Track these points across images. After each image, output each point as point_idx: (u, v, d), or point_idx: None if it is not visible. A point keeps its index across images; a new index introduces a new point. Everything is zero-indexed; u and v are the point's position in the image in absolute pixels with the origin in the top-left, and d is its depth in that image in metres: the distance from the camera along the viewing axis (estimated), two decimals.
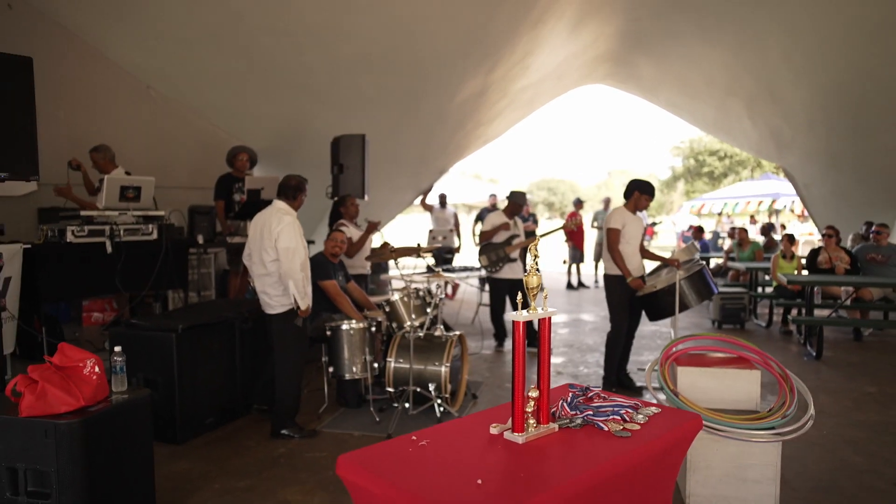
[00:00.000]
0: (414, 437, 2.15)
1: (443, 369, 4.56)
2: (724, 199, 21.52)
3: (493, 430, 2.21)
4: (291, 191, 4.28)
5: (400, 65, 7.42)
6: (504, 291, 6.94)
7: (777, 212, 22.00)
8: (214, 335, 4.49)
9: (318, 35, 6.79)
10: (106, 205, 5.08)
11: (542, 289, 2.22)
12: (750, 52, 9.07)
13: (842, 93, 8.70)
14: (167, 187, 7.16)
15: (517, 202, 6.86)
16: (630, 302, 5.33)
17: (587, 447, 2.10)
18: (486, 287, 7.49)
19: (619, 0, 8.65)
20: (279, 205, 4.24)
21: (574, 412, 2.36)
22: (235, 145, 6.65)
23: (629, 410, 2.36)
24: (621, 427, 2.25)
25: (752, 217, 22.48)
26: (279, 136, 8.05)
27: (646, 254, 5.61)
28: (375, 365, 4.71)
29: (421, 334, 4.75)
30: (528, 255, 2.50)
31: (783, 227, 18.76)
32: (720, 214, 22.20)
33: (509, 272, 6.83)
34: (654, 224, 20.40)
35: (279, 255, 4.07)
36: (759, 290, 9.21)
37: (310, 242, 6.33)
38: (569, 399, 2.43)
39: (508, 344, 7.11)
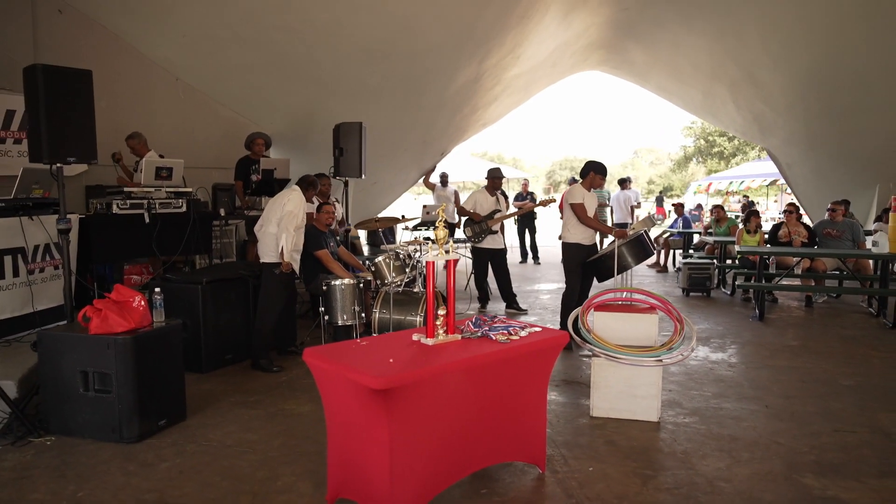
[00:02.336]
0: (359, 341, 3.15)
1: (418, 318, 5.55)
2: (729, 178, 22.06)
3: (414, 338, 3.19)
4: (307, 185, 5.61)
5: (399, 56, 8.33)
6: (486, 259, 7.89)
7: (783, 190, 22.50)
8: (232, 288, 5.54)
9: (325, 31, 7.72)
10: (144, 182, 6.13)
11: (448, 239, 3.18)
12: (731, 38, 9.75)
13: (818, 78, 9.36)
14: (194, 167, 8.20)
15: (495, 177, 7.83)
16: (582, 266, 6.25)
17: (474, 348, 3.08)
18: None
19: None
20: (295, 187, 5.49)
21: (476, 329, 3.33)
22: (253, 132, 7.65)
23: (516, 328, 3.32)
24: (506, 338, 3.21)
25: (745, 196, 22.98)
26: (292, 122, 9.04)
27: (598, 225, 6.55)
28: (363, 315, 5.71)
29: (400, 290, 5.75)
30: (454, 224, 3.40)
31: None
32: (726, 193, 22.73)
33: (491, 242, 7.78)
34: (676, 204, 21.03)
35: (283, 215, 5.20)
36: (729, 262, 10.01)
37: None
38: (473, 321, 3.40)
39: (491, 305, 8.08)
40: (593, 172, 6.25)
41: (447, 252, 3.15)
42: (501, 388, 3.13)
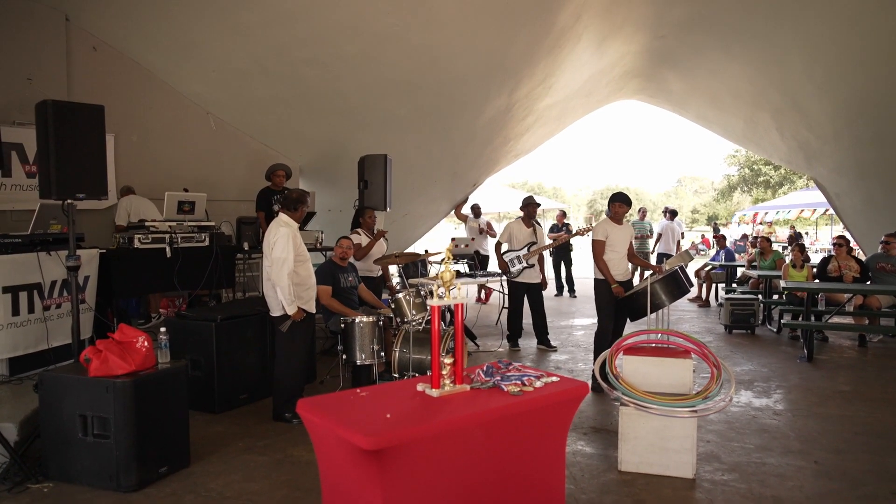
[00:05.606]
0: (359, 391, 2.92)
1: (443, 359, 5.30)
2: (776, 207, 21.37)
3: (419, 388, 2.95)
4: (292, 203, 4.77)
5: (426, 88, 8.25)
6: (522, 294, 7.60)
7: (834, 221, 21.67)
8: (248, 326, 5.39)
9: (352, 64, 7.69)
10: (166, 216, 6.09)
11: (454, 281, 2.95)
12: (773, 66, 9.41)
13: (864, 104, 8.94)
14: (224, 200, 8.24)
15: (529, 205, 7.68)
16: (615, 304, 5.93)
17: (483, 401, 2.82)
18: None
19: (640, 19, 9.18)
20: (282, 218, 4.76)
21: (488, 378, 3.07)
22: (273, 163, 7.60)
23: (531, 378, 3.05)
24: (519, 389, 2.94)
25: (791, 227, 22.21)
26: (320, 154, 9.02)
27: (634, 259, 6.24)
28: (382, 354, 5.49)
29: (420, 328, 5.52)
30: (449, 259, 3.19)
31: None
32: (774, 223, 22.01)
33: (528, 276, 7.50)
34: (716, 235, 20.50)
35: (272, 263, 4.60)
36: (776, 297, 9.50)
37: (329, 249, 7.20)
38: (484, 368, 3.14)
39: (522, 343, 7.77)
40: (618, 203, 6.00)
41: (454, 296, 2.92)
42: (513, 444, 2.86)
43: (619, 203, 5.96)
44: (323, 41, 7.26)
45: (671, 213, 12.79)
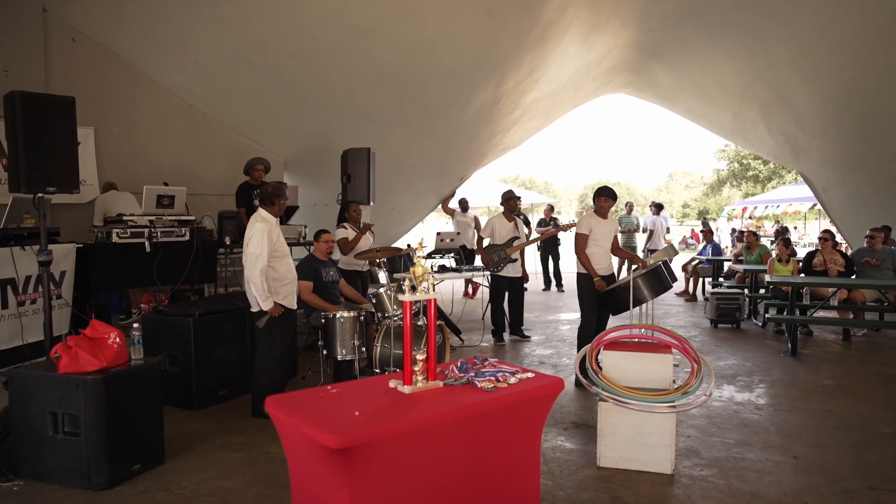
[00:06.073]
0: (330, 388, 2.88)
1: (420, 355, 5.25)
2: (765, 202, 21.44)
3: (391, 384, 2.91)
4: (268, 197, 4.73)
5: (411, 81, 8.17)
6: (504, 288, 7.57)
7: (822, 215, 21.76)
8: (228, 321, 5.32)
9: (337, 57, 7.61)
10: (145, 210, 6.01)
11: (427, 277, 2.90)
12: (760, 59, 9.39)
13: (852, 99, 8.94)
14: (206, 194, 8.14)
15: (509, 199, 7.62)
16: (598, 298, 5.91)
17: (456, 397, 2.78)
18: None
19: (627, 12, 9.14)
20: (260, 213, 4.72)
21: (462, 374, 3.03)
22: (252, 157, 7.51)
23: (505, 374, 3.01)
24: (492, 386, 2.90)
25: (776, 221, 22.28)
26: (305, 148, 8.92)
27: (619, 252, 6.23)
28: (364, 349, 5.44)
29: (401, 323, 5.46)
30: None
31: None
32: (762, 217, 22.08)
33: (510, 271, 7.48)
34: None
35: (245, 259, 4.59)
36: (763, 291, 9.51)
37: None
38: (459, 364, 3.10)
39: (506, 336, 7.74)
40: (603, 198, 5.97)
41: (426, 290, 2.88)
42: (487, 441, 2.82)
43: (605, 197, 5.93)
44: (306, 33, 7.17)
45: (657, 207, 12.78)
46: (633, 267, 6.00)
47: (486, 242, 7.60)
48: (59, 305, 5.30)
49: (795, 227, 27.61)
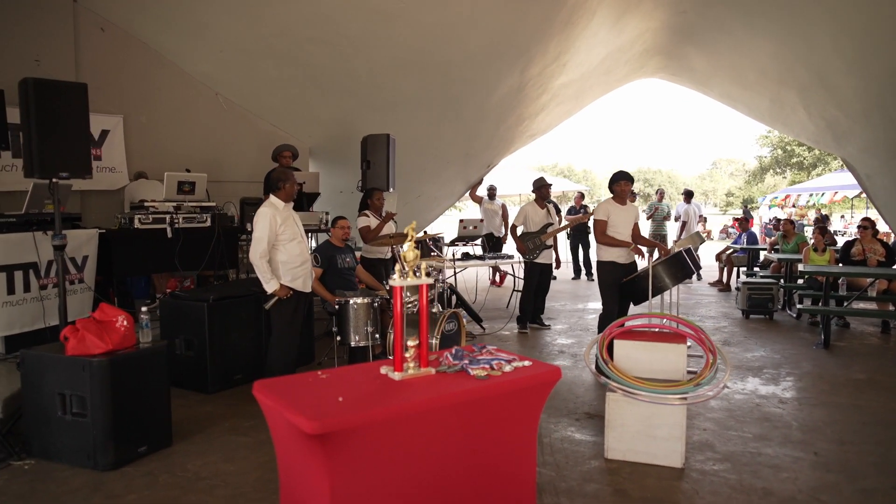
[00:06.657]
0: (320, 373, 2.85)
1: (433, 341, 5.21)
2: (809, 190, 20.74)
3: (382, 371, 2.87)
4: (274, 183, 4.75)
5: (434, 67, 8.08)
6: (536, 275, 7.48)
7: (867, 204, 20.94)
8: (243, 306, 5.36)
9: (360, 43, 7.56)
10: (165, 196, 6.09)
11: (419, 262, 2.84)
12: (799, 40, 9.02)
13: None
14: (233, 181, 8.23)
15: (541, 186, 7.56)
16: (620, 287, 5.76)
17: (446, 385, 2.72)
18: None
19: None
20: (269, 199, 4.75)
21: (455, 362, 2.97)
22: (280, 144, 7.54)
23: (501, 362, 2.94)
24: (486, 374, 2.84)
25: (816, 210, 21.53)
26: (329, 134, 8.93)
27: (641, 241, 6.05)
28: (377, 336, 5.42)
29: (416, 309, 5.41)
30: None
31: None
32: (806, 206, 21.39)
33: (543, 258, 7.41)
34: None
35: (250, 242, 4.64)
36: (801, 281, 9.19)
37: None
38: (453, 351, 3.04)
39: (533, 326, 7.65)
40: (623, 181, 5.83)
41: (417, 276, 2.82)
42: (479, 430, 2.76)
43: (624, 181, 5.77)
44: (329, 20, 7.14)
45: (687, 195, 12.46)
46: (655, 255, 5.83)
47: (519, 231, 7.51)
48: (81, 289, 5.42)
49: (842, 217, 26.66)
